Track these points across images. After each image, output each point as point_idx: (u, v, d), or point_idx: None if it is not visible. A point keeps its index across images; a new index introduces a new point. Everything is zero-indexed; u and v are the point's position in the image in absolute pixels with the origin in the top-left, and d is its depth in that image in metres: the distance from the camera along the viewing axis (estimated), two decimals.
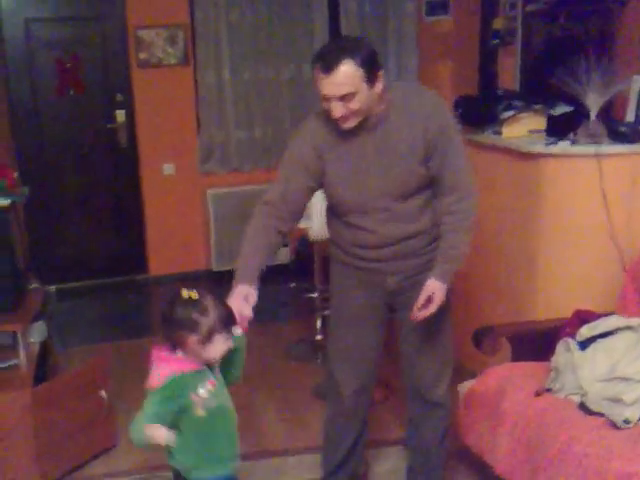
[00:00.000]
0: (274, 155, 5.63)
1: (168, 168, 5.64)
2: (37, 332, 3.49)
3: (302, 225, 3.92)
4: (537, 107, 3.36)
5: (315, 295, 4.40)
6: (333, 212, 2.56)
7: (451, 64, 4.98)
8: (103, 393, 3.25)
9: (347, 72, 2.21)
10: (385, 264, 2.53)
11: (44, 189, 5.34)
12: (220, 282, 2.36)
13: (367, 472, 3.11)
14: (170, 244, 5.72)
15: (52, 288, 5.29)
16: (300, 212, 2.54)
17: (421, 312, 2.40)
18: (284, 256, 5.66)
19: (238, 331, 2.19)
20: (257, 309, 4.91)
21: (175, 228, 5.72)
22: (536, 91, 3.70)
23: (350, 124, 2.32)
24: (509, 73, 4.22)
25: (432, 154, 2.37)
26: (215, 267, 5.63)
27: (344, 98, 2.24)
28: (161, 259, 5.76)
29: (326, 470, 2.86)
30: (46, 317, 3.70)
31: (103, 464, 3.27)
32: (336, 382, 2.73)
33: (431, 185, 2.45)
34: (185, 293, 2.05)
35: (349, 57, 2.21)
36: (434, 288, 2.40)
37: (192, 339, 2.01)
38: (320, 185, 2.49)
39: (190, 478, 2.13)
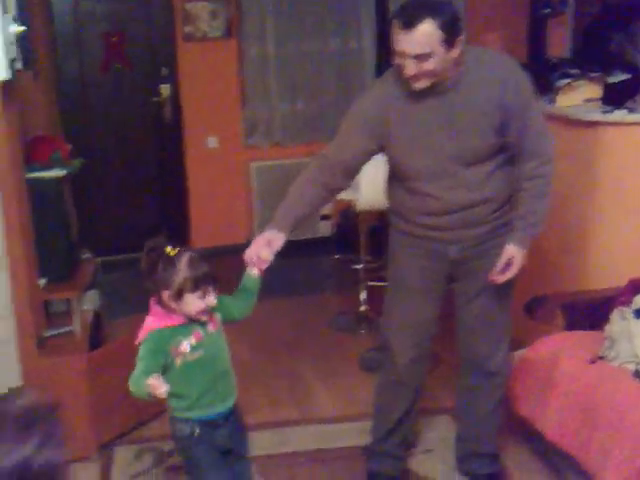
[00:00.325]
0: (317, 129, 5.64)
1: (212, 141, 5.67)
2: (90, 300, 3.56)
3: (346, 197, 3.92)
4: (593, 75, 3.31)
5: (360, 266, 4.41)
6: (396, 178, 2.53)
7: (498, 33, 4.93)
8: None
9: (426, 32, 2.18)
10: (448, 233, 2.50)
11: (89, 163, 5.38)
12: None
13: (415, 439, 3.14)
14: (212, 217, 5.77)
15: (97, 260, 5.36)
16: (353, 173, 2.54)
17: (499, 276, 2.42)
18: (326, 229, 5.70)
19: (254, 272, 2.32)
20: (301, 281, 4.98)
21: (217, 201, 5.76)
22: (589, 59, 3.65)
23: (421, 85, 2.29)
24: (558, 42, 4.17)
25: (509, 119, 2.34)
26: None
27: (418, 57, 2.21)
28: (203, 232, 5.80)
29: (376, 436, 2.88)
30: (98, 286, 3.78)
31: (154, 428, 3.33)
32: (391, 351, 2.71)
33: (501, 152, 2.42)
34: (168, 249, 2.16)
35: (430, 17, 2.17)
36: (513, 253, 2.41)
37: (165, 294, 2.14)
38: (380, 148, 2.46)
39: (175, 416, 2.28)
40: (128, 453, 3.14)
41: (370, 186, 3.78)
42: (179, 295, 2.13)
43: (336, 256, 5.08)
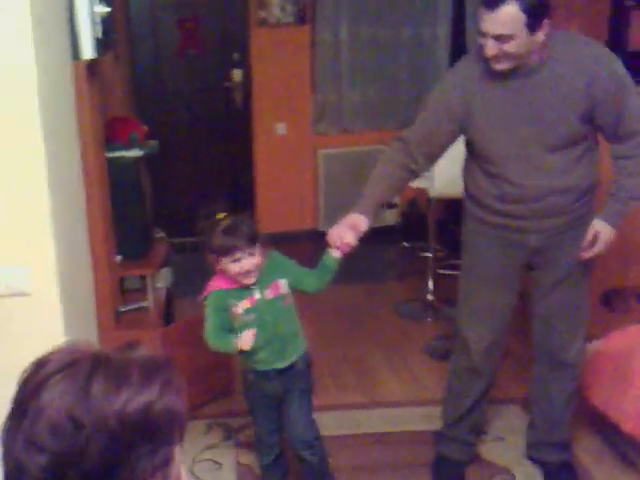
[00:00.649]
0: (387, 117, 5.62)
1: (280, 128, 5.70)
2: (163, 278, 3.64)
3: (417, 185, 3.92)
4: None
5: (429, 254, 4.41)
6: (476, 162, 2.52)
7: (578, 23, 4.84)
8: None
9: (509, 13, 2.17)
10: (527, 222, 2.47)
11: (161, 145, 5.49)
12: (325, 241, 2.47)
13: (485, 426, 3.13)
14: (279, 203, 5.81)
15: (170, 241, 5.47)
16: (435, 155, 2.54)
17: (586, 252, 2.41)
18: (392, 217, 5.69)
19: (335, 253, 2.44)
20: (368, 268, 4.98)
21: (285, 187, 5.80)
22: None
23: (502, 66, 2.28)
24: None
25: (601, 104, 2.31)
26: (321, 227, 5.68)
27: (499, 38, 2.21)
28: (269, 217, 5.82)
29: (446, 422, 2.89)
30: (170, 265, 3.85)
31: (223, 404, 3.40)
32: (465, 339, 2.70)
33: (586, 139, 2.39)
34: (219, 215, 2.38)
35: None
36: (599, 228, 2.39)
37: (210, 257, 2.38)
38: (462, 130, 2.46)
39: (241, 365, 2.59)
40: (198, 427, 3.21)
41: (444, 174, 3.77)
42: (217, 258, 2.35)
43: (404, 244, 5.07)
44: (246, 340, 2.36)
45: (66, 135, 2.61)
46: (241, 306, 2.40)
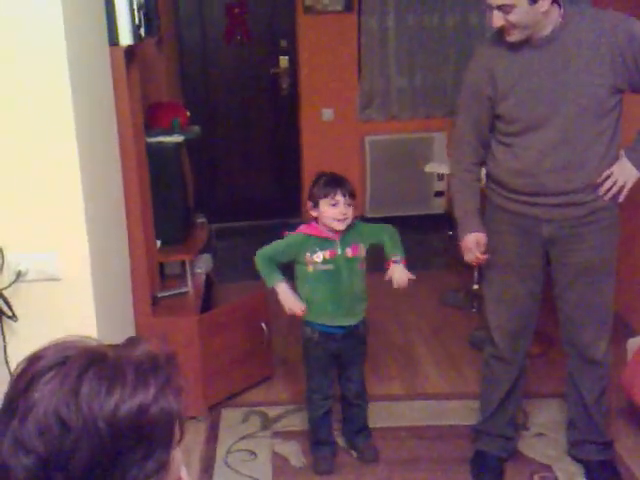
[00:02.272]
0: (434, 104, 5.55)
1: (327, 114, 5.66)
2: (203, 263, 3.62)
3: None
4: None
5: None
6: (497, 139, 2.50)
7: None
8: (264, 325, 3.34)
9: None
10: (542, 209, 2.44)
11: (207, 131, 5.49)
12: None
13: (526, 422, 3.05)
14: None
15: (211, 226, 5.47)
16: (488, 138, 2.54)
17: (607, 194, 2.41)
18: (439, 205, 5.60)
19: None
20: (414, 257, 4.92)
21: None
22: None
23: (513, 37, 2.32)
24: None
25: (626, 64, 2.29)
26: (369, 213, 5.62)
27: (501, 8, 2.25)
28: None
29: (484, 415, 2.82)
30: (211, 251, 3.84)
31: (261, 393, 3.38)
32: (490, 326, 2.69)
33: (609, 113, 2.34)
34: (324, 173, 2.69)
35: None
36: (614, 168, 2.38)
37: (309, 205, 2.68)
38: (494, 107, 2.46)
39: (303, 319, 2.75)
40: (235, 415, 3.19)
41: None
42: (316, 204, 2.61)
43: (449, 232, 4.97)
44: (290, 300, 2.64)
45: (103, 120, 2.61)
46: (321, 254, 2.62)
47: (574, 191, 2.40)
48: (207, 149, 5.54)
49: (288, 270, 2.77)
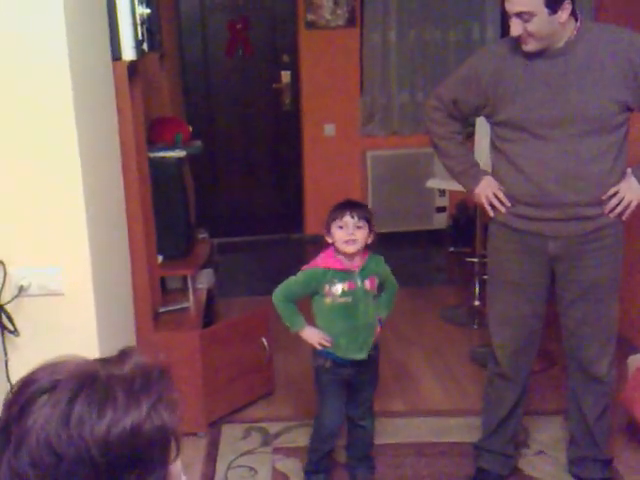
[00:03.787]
0: None
1: (329, 129, 5.68)
2: (205, 278, 3.62)
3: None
4: None
5: (475, 260, 4.31)
6: (500, 150, 2.49)
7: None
8: (264, 340, 3.34)
9: None
10: (547, 225, 2.43)
11: (208, 146, 5.50)
12: (372, 243, 2.63)
13: (527, 439, 3.04)
14: (327, 204, 5.68)
15: (213, 241, 5.47)
16: (461, 118, 2.60)
17: (612, 212, 2.42)
18: (441, 221, 5.60)
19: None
20: (415, 272, 4.91)
21: (333, 189, 5.73)
22: None
23: (529, 47, 2.32)
24: None
25: (636, 81, 2.31)
26: None
27: (521, 16, 2.25)
28: (317, 218, 5.77)
29: (485, 433, 2.81)
30: (213, 266, 3.84)
31: (261, 409, 3.37)
32: (493, 345, 2.69)
33: (616, 129, 2.35)
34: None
35: None
36: (619, 187, 2.38)
37: (324, 232, 2.62)
38: (485, 107, 2.48)
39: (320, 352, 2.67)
40: (236, 431, 3.18)
41: None
42: (328, 227, 2.58)
43: (451, 249, 4.98)
44: (316, 338, 2.61)
45: (105, 135, 2.61)
46: (340, 287, 2.57)
47: (579, 204, 2.39)
48: (209, 164, 5.56)
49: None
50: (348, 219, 2.55)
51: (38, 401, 0.85)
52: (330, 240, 2.59)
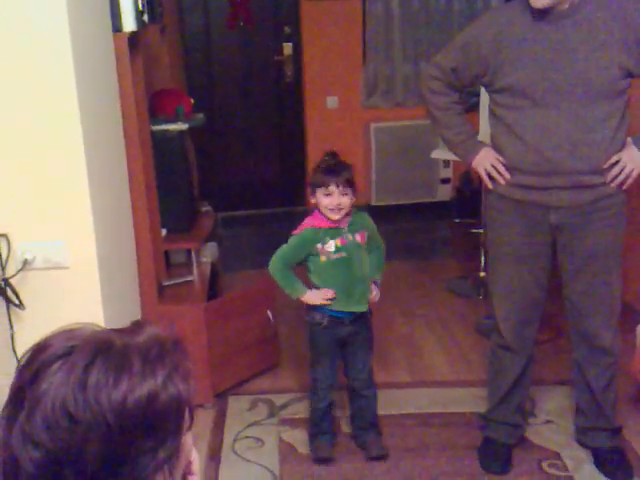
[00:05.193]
0: None
1: (332, 101, 5.63)
2: (209, 252, 3.61)
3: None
4: None
5: (480, 231, 4.29)
6: (500, 117, 2.46)
7: None
8: (270, 313, 3.33)
9: None
10: (548, 194, 2.41)
11: (210, 119, 5.47)
12: (377, 216, 2.64)
13: (533, 409, 3.04)
14: None
15: (217, 215, 5.44)
16: (459, 87, 2.58)
17: (614, 181, 2.40)
18: (445, 193, 5.57)
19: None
20: (419, 244, 4.88)
21: None
22: None
23: (541, 1, 2.26)
24: None
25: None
26: (374, 202, 5.60)
27: None
28: None
29: (491, 403, 2.81)
30: (216, 240, 3.83)
31: (268, 380, 3.38)
32: (496, 317, 2.68)
33: (619, 95, 2.33)
34: (326, 154, 2.70)
35: None
36: (621, 155, 2.36)
37: (308, 190, 2.68)
38: (485, 74, 2.44)
39: (310, 305, 2.72)
40: (242, 403, 3.19)
41: None
42: (312, 191, 2.62)
43: (456, 220, 4.96)
44: (319, 297, 2.65)
45: (107, 107, 2.59)
46: (332, 243, 2.62)
47: (582, 171, 2.37)
48: (209, 137, 5.51)
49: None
50: (333, 189, 2.58)
51: (52, 366, 0.84)
52: (314, 201, 2.64)
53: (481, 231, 4.30)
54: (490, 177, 2.51)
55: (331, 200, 2.58)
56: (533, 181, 2.42)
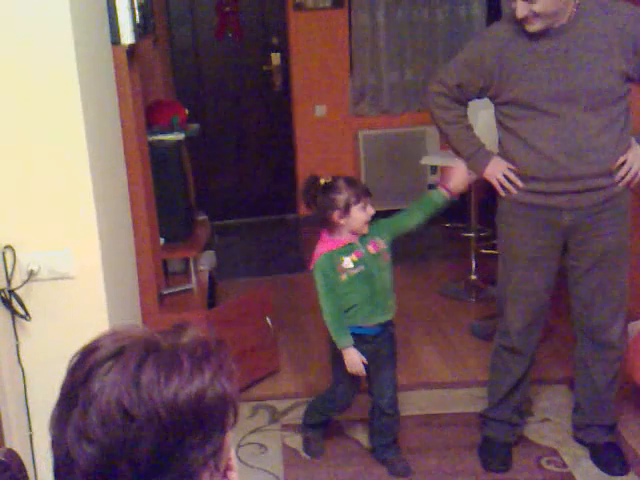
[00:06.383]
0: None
1: (320, 110, 5.68)
2: (207, 260, 3.64)
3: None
4: None
5: (471, 235, 4.36)
6: (508, 129, 2.51)
7: None
8: (268, 319, 3.37)
9: None
10: (560, 198, 2.46)
11: (200, 129, 5.50)
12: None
13: (531, 407, 3.09)
14: None
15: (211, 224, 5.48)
16: (465, 101, 2.63)
17: (622, 180, 2.46)
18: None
19: (444, 191, 2.73)
20: (411, 248, 4.92)
21: (325, 169, 5.70)
22: None
23: (534, 27, 2.34)
24: None
25: (636, 49, 2.36)
26: None
27: None
28: None
29: (491, 403, 2.86)
30: (214, 248, 3.86)
31: (268, 387, 3.40)
32: (506, 320, 2.70)
33: (621, 100, 2.40)
34: (322, 180, 2.59)
35: None
36: (627, 155, 2.42)
37: (335, 214, 2.54)
38: (489, 89, 2.49)
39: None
40: (243, 410, 3.22)
41: None
42: (346, 210, 2.54)
43: (446, 224, 5.02)
44: (356, 361, 2.62)
45: (107, 119, 2.62)
46: (349, 259, 2.60)
47: (592, 175, 2.43)
48: (200, 147, 5.55)
49: None
50: (368, 200, 2.58)
51: (104, 366, 0.88)
52: (343, 222, 2.56)
53: (472, 235, 4.37)
54: (502, 186, 2.57)
55: (368, 211, 2.57)
56: (544, 186, 2.48)
